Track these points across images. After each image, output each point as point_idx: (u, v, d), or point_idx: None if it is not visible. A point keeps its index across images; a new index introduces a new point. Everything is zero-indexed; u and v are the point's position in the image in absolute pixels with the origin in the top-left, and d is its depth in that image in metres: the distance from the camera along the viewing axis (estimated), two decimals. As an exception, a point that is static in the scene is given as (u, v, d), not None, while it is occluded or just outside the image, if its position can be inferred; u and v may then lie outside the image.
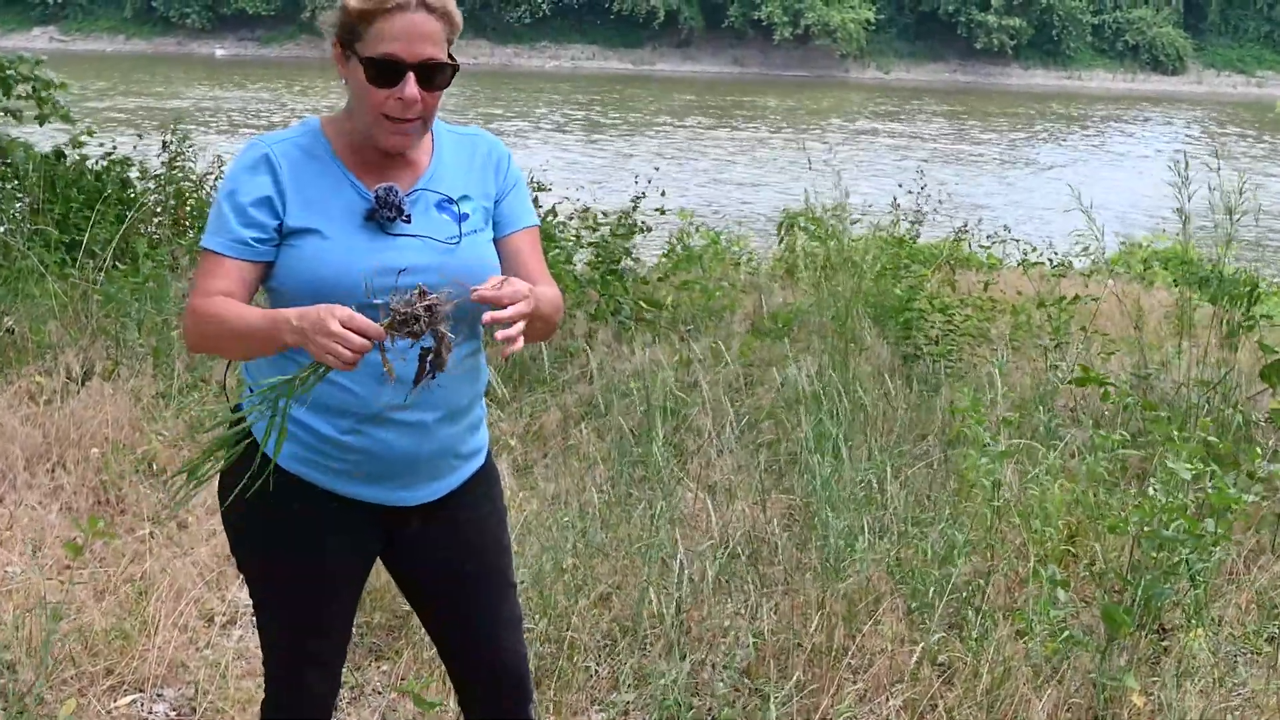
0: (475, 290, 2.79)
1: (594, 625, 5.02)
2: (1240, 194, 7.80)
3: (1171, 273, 14.67)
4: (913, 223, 14.48)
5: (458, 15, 3.04)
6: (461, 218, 3.09)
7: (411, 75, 2.95)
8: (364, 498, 3.11)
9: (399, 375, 2.84)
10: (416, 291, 2.72)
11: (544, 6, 73.70)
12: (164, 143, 12.20)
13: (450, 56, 3.03)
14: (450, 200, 3.10)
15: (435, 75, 2.99)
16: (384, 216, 3.00)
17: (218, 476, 3.14)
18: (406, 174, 3.09)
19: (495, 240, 3.17)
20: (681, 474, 6.30)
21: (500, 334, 2.76)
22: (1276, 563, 5.70)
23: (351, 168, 3.06)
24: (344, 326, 2.69)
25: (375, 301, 2.77)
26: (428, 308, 2.71)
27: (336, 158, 3.06)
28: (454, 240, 3.05)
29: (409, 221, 3.03)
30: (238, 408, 3.05)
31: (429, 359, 2.79)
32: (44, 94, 10.92)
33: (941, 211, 15.08)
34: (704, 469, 6.47)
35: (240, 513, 3.12)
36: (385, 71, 2.94)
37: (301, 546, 3.13)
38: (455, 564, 3.26)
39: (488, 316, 2.76)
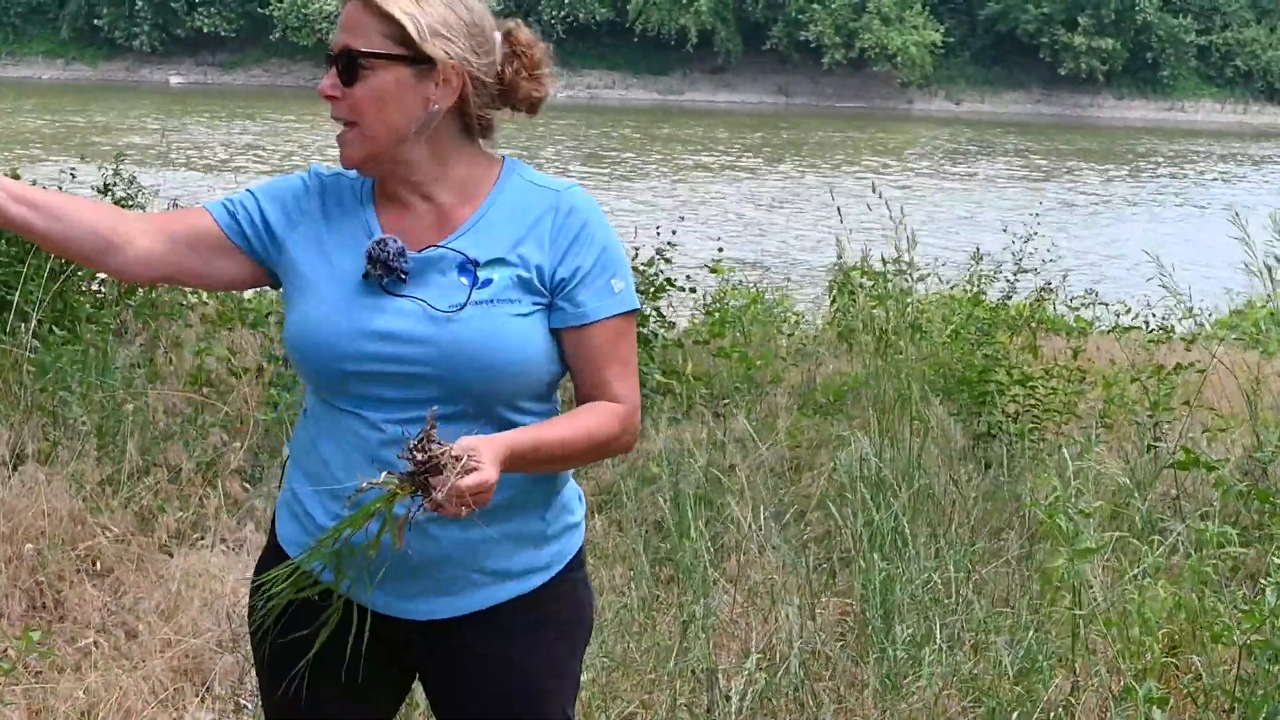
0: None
1: (614, 751, 5.04)
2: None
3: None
4: (1006, 279, 14.49)
5: (401, 12, 2.93)
6: (480, 283, 2.99)
7: (333, 69, 3.00)
8: (357, 598, 3.01)
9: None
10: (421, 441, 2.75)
11: (557, 28, 74.02)
12: (105, 184, 12.18)
13: (418, 50, 2.95)
14: (473, 263, 3.01)
15: (354, 70, 2.97)
16: (374, 276, 2.98)
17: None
18: (436, 223, 3.05)
19: (560, 331, 3.03)
20: (717, 574, 6.32)
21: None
22: None
23: (379, 206, 3.09)
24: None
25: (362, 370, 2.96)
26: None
27: (370, 193, 3.11)
28: (455, 309, 2.96)
29: (404, 280, 2.98)
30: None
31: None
32: None
33: (1043, 269, 15.07)
34: (743, 567, 6.49)
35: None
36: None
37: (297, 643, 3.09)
38: (472, 708, 3.16)
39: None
